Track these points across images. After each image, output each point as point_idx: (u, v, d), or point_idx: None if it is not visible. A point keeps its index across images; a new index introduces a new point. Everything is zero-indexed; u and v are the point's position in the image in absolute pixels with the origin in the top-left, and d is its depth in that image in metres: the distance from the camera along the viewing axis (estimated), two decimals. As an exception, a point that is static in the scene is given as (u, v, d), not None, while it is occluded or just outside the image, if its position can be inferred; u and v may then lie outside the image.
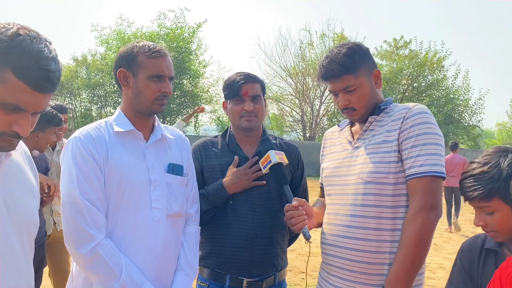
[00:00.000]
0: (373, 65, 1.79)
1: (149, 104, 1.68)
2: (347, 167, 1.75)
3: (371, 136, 1.73)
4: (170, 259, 1.72)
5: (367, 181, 1.65)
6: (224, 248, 1.98)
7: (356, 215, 1.66)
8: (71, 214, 1.54)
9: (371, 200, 1.63)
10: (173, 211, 1.71)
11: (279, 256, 2.06)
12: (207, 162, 2.06)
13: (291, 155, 2.12)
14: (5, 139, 1.08)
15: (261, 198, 2.00)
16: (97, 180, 1.58)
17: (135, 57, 1.67)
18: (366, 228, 1.63)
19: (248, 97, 1.99)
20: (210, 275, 2.02)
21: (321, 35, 24.76)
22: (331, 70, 1.72)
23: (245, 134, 2.07)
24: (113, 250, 1.56)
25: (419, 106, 1.69)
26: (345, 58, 1.71)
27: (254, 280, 1.99)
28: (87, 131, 1.66)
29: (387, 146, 1.65)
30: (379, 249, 1.62)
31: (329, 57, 1.75)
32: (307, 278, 5.26)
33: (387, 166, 1.63)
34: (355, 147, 1.77)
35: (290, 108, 26.12)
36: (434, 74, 23.86)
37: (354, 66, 1.70)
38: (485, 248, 1.45)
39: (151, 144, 1.73)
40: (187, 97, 22.07)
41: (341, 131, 1.91)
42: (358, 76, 1.71)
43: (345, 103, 1.74)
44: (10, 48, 1.01)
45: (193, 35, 21.59)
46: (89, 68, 21.92)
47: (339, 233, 1.69)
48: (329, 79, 1.75)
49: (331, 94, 1.83)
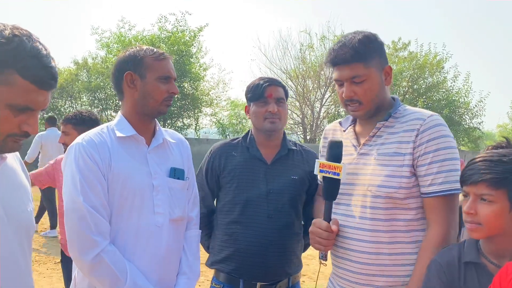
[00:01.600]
0: (385, 60, 1.68)
1: (157, 105, 1.69)
2: (353, 175, 1.68)
3: (380, 144, 1.65)
4: (173, 263, 1.73)
5: (377, 195, 1.59)
6: (239, 253, 1.99)
7: (366, 229, 1.60)
8: (74, 221, 1.55)
9: (381, 214, 1.59)
10: (176, 216, 1.72)
11: (293, 262, 2.06)
12: (226, 164, 2.07)
13: (310, 163, 2.12)
14: (14, 140, 1.11)
15: (276, 204, 2.00)
16: (101, 186, 1.58)
17: (142, 59, 1.68)
18: (378, 242, 1.59)
19: (273, 99, 2.01)
20: (224, 279, 2.04)
21: (321, 38, 24.72)
22: (342, 54, 1.60)
23: (267, 138, 2.07)
24: (117, 256, 1.56)
25: (434, 118, 1.61)
26: (359, 44, 1.59)
27: (267, 283, 2.00)
28: (89, 137, 1.65)
29: (399, 159, 1.58)
30: (393, 261, 1.58)
31: (342, 41, 1.64)
32: (308, 280, 5.27)
33: (398, 180, 1.57)
34: (361, 153, 1.69)
35: (290, 110, 26.03)
36: (435, 76, 23.85)
37: (367, 55, 1.60)
38: (464, 261, 1.40)
39: (153, 148, 1.73)
40: (188, 100, 22.05)
41: (344, 131, 1.83)
42: (369, 67, 1.60)
43: (350, 94, 1.62)
44: (12, 49, 1.02)
45: (194, 38, 21.60)
46: (90, 72, 21.91)
47: (352, 247, 1.64)
48: (338, 64, 1.63)
49: (336, 83, 1.71)
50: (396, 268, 1.58)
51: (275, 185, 2.01)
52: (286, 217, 2.02)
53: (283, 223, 2.01)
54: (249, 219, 1.99)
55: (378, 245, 1.58)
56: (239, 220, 2.00)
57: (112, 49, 21.29)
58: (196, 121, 23.53)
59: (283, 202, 2.01)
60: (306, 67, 25.12)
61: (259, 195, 2.00)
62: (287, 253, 2.03)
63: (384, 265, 1.58)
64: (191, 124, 23.59)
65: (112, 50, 21.25)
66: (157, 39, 20.87)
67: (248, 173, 2.04)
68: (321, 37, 24.73)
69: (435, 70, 23.64)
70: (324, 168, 1.60)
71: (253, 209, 1.99)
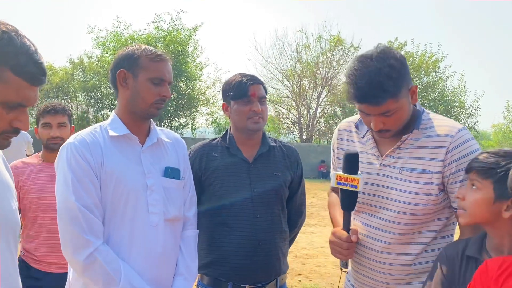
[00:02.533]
0: (410, 80, 1.54)
1: (147, 107, 1.66)
2: (376, 186, 1.65)
3: (405, 157, 1.59)
4: (169, 263, 1.72)
5: (404, 211, 1.57)
6: (226, 257, 1.95)
7: (389, 242, 1.61)
8: (67, 221, 1.53)
9: (406, 230, 1.59)
10: (171, 215, 1.71)
11: (281, 261, 2.05)
12: (207, 166, 2.03)
13: (290, 158, 2.11)
14: (4, 137, 1.10)
15: (262, 203, 1.98)
16: (93, 185, 1.57)
17: (137, 58, 1.66)
18: (399, 254, 1.61)
19: (256, 97, 1.98)
20: (211, 282, 2.00)
21: (317, 37, 24.80)
22: (371, 96, 1.44)
23: (247, 137, 2.04)
24: (111, 256, 1.55)
25: (463, 133, 1.54)
26: (388, 81, 1.43)
27: (255, 286, 1.98)
28: (81, 136, 1.64)
29: (427, 176, 1.54)
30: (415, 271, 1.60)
31: (366, 75, 1.44)
32: (304, 279, 5.27)
33: (426, 198, 1.55)
34: (384, 164, 1.64)
35: (287, 110, 26.12)
36: (430, 76, 23.96)
37: (397, 90, 1.45)
38: (466, 254, 1.43)
39: (147, 148, 1.71)
40: (184, 99, 22.05)
41: (361, 137, 1.74)
42: (399, 99, 1.47)
43: (380, 126, 1.53)
44: (2, 46, 1.01)
45: (190, 37, 21.58)
46: (86, 71, 21.86)
47: (373, 257, 1.65)
48: (367, 103, 1.49)
49: (361, 113, 1.59)
50: (416, 276, 1.61)
51: (260, 183, 1.99)
52: (273, 215, 2.00)
53: (270, 221, 1.99)
54: (236, 220, 1.95)
55: (399, 256, 1.60)
56: (225, 222, 1.96)
57: (108, 48, 21.24)
58: (192, 121, 23.53)
59: (269, 199, 2.00)
60: (302, 66, 25.17)
61: (244, 195, 1.97)
62: (275, 252, 2.01)
63: (404, 275, 1.61)
64: (188, 123, 23.58)
65: (108, 49, 21.20)
66: (153, 38, 20.84)
67: (231, 174, 2.00)
68: (318, 36, 24.81)
69: (430, 70, 23.75)
70: (342, 180, 1.58)
71: (239, 210, 1.96)
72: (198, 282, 2.07)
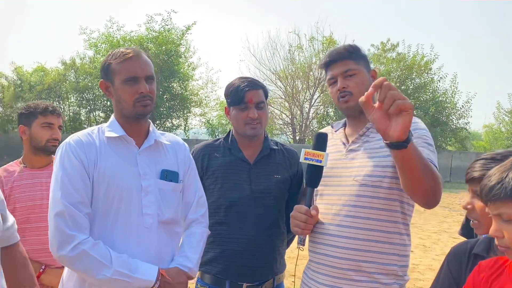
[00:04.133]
0: (370, 67, 1.89)
1: (131, 107, 1.67)
2: (341, 169, 1.78)
3: (367, 141, 1.77)
4: (164, 266, 1.71)
5: (362, 183, 1.68)
6: (225, 254, 1.99)
7: (348, 215, 1.68)
8: (52, 217, 1.55)
9: (364, 202, 1.67)
10: (165, 218, 1.71)
11: (278, 261, 2.08)
12: (209, 166, 2.07)
13: (291, 161, 2.15)
14: None
15: (261, 204, 2.01)
16: (83, 183, 1.59)
17: (108, 66, 1.69)
18: (357, 228, 1.66)
19: (253, 104, 2.00)
20: (210, 280, 2.04)
21: (310, 38, 24.86)
22: (335, 53, 1.83)
23: (248, 140, 2.08)
24: (98, 245, 1.55)
25: (415, 118, 1.72)
26: (349, 47, 1.84)
27: (253, 284, 2.01)
28: (77, 137, 1.68)
29: (384, 150, 1.68)
30: (369, 248, 1.66)
31: (334, 49, 1.88)
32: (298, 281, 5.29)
33: (382, 170, 1.67)
34: (349, 149, 1.80)
35: (280, 111, 26.15)
36: (422, 77, 24.10)
37: (356, 55, 1.82)
38: (473, 252, 1.43)
39: (144, 149, 1.72)
40: (177, 100, 21.98)
41: (335, 132, 1.92)
42: (358, 64, 1.81)
43: (343, 86, 1.78)
44: None
45: (182, 37, 21.51)
46: (78, 72, 21.69)
47: (331, 232, 1.71)
48: (332, 62, 1.82)
49: (329, 84, 1.86)
50: (371, 254, 1.66)
51: (259, 185, 2.02)
52: (272, 217, 2.04)
53: (269, 222, 2.02)
54: (235, 220, 1.99)
55: (356, 230, 1.66)
56: (224, 221, 2.00)
57: (100, 49, 21.12)
58: (185, 122, 23.43)
59: (268, 201, 2.03)
60: (295, 67, 25.20)
61: (244, 196, 2.00)
62: (273, 252, 2.04)
63: (359, 250, 1.66)
64: (180, 124, 23.48)
65: (100, 50, 21.08)
66: (145, 39, 20.77)
67: (231, 174, 2.04)
68: (310, 38, 24.86)
69: (422, 71, 23.89)
70: (309, 156, 1.70)
71: (239, 210, 1.99)
72: (197, 279, 2.10)
